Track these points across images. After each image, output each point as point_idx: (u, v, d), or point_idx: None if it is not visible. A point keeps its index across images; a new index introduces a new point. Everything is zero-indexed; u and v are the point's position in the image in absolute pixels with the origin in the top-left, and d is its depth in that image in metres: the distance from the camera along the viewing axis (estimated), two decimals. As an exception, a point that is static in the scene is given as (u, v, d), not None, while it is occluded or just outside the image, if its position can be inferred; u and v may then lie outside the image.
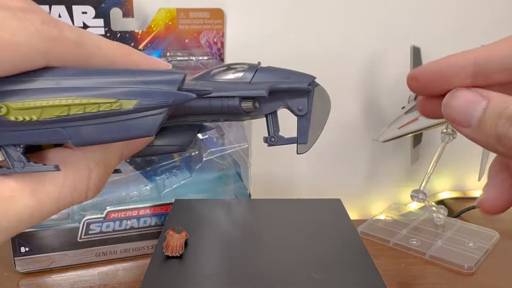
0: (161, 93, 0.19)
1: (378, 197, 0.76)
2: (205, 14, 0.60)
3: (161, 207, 0.53)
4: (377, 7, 0.67)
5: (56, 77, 0.18)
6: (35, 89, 0.18)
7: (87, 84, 0.18)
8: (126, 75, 0.19)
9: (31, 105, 0.18)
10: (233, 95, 0.21)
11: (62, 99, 0.18)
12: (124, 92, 0.18)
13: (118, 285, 0.49)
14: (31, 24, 0.17)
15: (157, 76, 0.19)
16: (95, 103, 0.18)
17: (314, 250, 0.42)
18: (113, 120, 0.19)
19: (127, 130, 0.19)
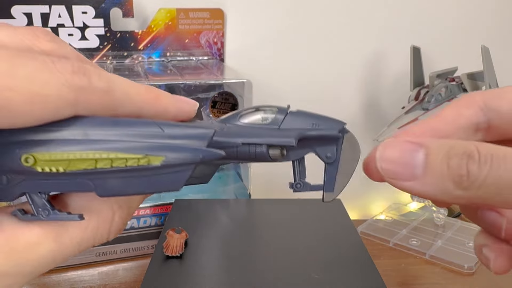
0: (189, 150, 0.19)
1: (378, 197, 0.76)
2: (205, 14, 0.60)
3: (161, 207, 0.53)
4: (377, 7, 0.67)
5: (83, 127, 0.18)
6: (62, 140, 0.18)
7: (115, 136, 0.18)
8: (154, 128, 0.19)
9: (58, 157, 0.18)
10: (261, 142, 0.21)
11: (90, 152, 0.18)
12: (152, 147, 0.18)
13: (118, 285, 0.49)
14: (61, 75, 0.17)
15: (186, 130, 0.19)
16: (123, 158, 0.18)
17: (314, 250, 0.42)
18: (140, 174, 0.19)
19: (153, 184, 0.19)
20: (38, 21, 0.54)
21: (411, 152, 0.19)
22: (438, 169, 0.18)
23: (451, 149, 0.18)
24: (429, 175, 0.18)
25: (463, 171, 0.17)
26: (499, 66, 0.59)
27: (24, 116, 0.17)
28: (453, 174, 0.18)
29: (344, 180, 0.24)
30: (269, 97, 0.67)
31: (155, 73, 0.55)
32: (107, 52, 0.57)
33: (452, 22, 0.70)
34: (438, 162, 0.18)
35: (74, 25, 0.55)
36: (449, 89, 0.58)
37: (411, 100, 0.62)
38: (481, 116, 0.22)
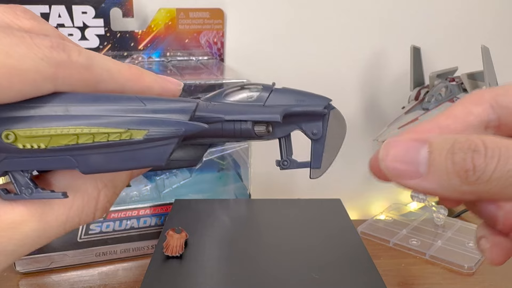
0: (172, 123, 0.18)
1: (378, 197, 0.76)
2: (205, 14, 0.60)
3: (161, 207, 0.53)
4: (377, 7, 0.67)
5: (64, 103, 0.18)
6: (43, 116, 0.18)
7: (96, 111, 0.18)
8: (136, 103, 0.19)
9: (39, 133, 0.17)
10: (246, 119, 0.21)
11: (71, 128, 0.18)
12: (134, 122, 0.18)
13: (118, 285, 0.49)
14: (39, 50, 0.17)
15: (168, 104, 0.19)
16: (104, 132, 0.18)
17: (314, 250, 0.42)
18: (122, 149, 0.18)
19: (136, 159, 0.19)
20: (38, 21, 0.54)
21: (414, 149, 0.18)
22: (442, 165, 0.18)
23: (455, 144, 0.18)
24: (434, 172, 0.18)
25: (468, 166, 0.17)
26: (499, 66, 0.58)
27: (3, 90, 0.16)
28: (459, 170, 0.17)
29: (331, 156, 0.24)
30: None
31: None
32: (107, 52, 0.57)
33: (452, 22, 0.70)
34: (442, 158, 0.18)
35: (74, 25, 0.55)
36: (449, 89, 0.58)
37: (411, 100, 0.62)
38: (491, 114, 0.21)
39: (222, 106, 0.21)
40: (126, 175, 0.22)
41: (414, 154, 0.18)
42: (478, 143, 0.17)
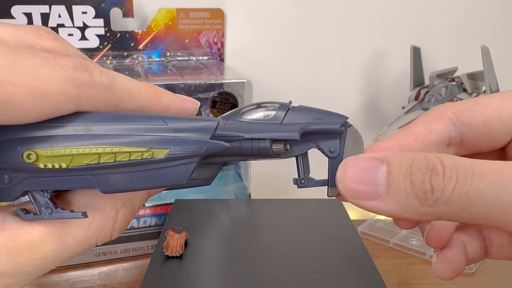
0: (193, 142, 0.18)
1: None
2: (205, 14, 0.60)
3: (161, 207, 0.53)
4: (377, 7, 0.67)
5: (86, 122, 0.18)
6: (65, 136, 0.18)
7: (118, 131, 0.18)
8: (157, 122, 0.19)
9: (61, 153, 0.17)
10: (264, 137, 0.20)
11: (93, 147, 0.18)
12: (155, 141, 0.18)
13: (118, 285, 0.49)
14: (62, 71, 0.17)
15: (189, 123, 0.19)
16: (126, 152, 0.18)
17: (314, 250, 0.42)
18: (144, 168, 0.18)
19: (158, 178, 0.19)
20: (38, 21, 0.54)
21: (372, 169, 0.18)
22: (401, 186, 0.17)
23: (414, 163, 0.17)
24: (393, 193, 0.17)
25: (427, 187, 0.16)
26: (499, 66, 0.58)
27: (26, 111, 0.17)
28: (417, 191, 0.17)
29: None
30: (269, 97, 0.67)
31: (155, 73, 0.55)
32: (107, 52, 0.57)
33: (452, 22, 0.70)
34: (401, 178, 0.17)
35: (74, 25, 0.55)
36: (449, 89, 0.58)
37: (411, 100, 0.62)
38: (452, 130, 0.21)
39: (240, 124, 0.21)
40: (144, 194, 0.22)
41: (372, 174, 0.18)
42: (436, 163, 0.17)
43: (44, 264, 0.19)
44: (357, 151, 0.22)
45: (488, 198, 0.16)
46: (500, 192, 0.16)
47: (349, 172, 0.19)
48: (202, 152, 0.19)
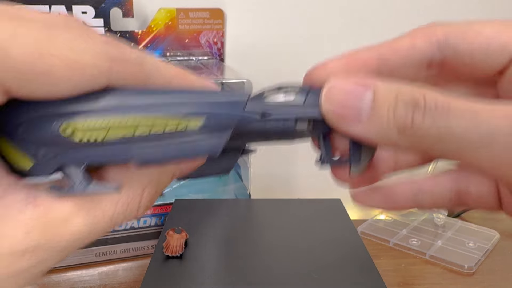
0: (226, 114, 0.19)
1: (378, 197, 0.76)
2: (205, 14, 0.60)
3: (161, 207, 0.53)
4: (377, 7, 0.67)
5: (120, 96, 0.18)
6: (100, 109, 0.18)
7: (152, 103, 0.18)
8: (191, 95, 0.19)
9: (96, 126, 0.17)
10: (289, 116, 0.20)
11: (129, 119, 0.18)
12: (189, 112, 0.18)
13: (118, 285, 0.49)
14: (95, 45, 0.17)
15: (222, 97, 0.19)
16: (161, 123, 0.18)
17: (314, 250, 0.42)
18: (178, 140, 0.18)
19: (191, 150, 0.19)
20: (38, 21, 0.54)
21: (358, 94, 0.18)
22: (384, 115, 0.18)
23: (399, 95, 0.18)
24: (374, 121, 0.18)
25: (407, 120, 0.17)
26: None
27: (63, 83, 0.17)
28: (398, 122, 0.18)
29: (369, 153, 0.23)
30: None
31: (155, 73, 0.55)
32: (107, 52, 0.57)
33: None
34: (385, 108, 0.18)
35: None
36: (449, 89, 0.58)
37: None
38: (436, 52, 0.20)
39: (264, 105, 0.21)
40: (169, 175, 0.22)
41: (357, 100, 0.18)
42: (420, 98, 0.17)
43: (76, 240, 0.19)
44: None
45: (459, 136, 0.17)
46: (470, 132, 0.17)
47: (335, 95, 0.19)
48: (235, 123, 0.19)
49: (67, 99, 0.17)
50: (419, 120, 0.17)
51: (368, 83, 0.18)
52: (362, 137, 0.19)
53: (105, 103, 0.18)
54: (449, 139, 0.17)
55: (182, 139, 0.18)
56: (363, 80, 0.19)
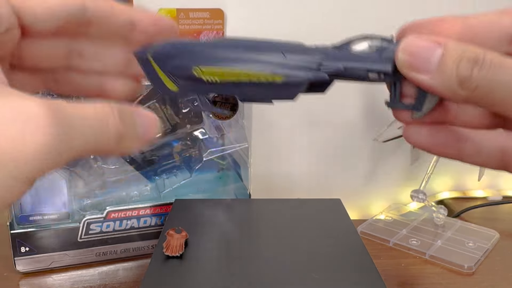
0: (303, 74, 0.25)
1: (378, 197, 0.77)
2: (205, 14, 0.60)
3: (161, 207, 0.53)
4: (377, 7, 0.67)
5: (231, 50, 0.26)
6: (218, 60, 0.25)
7: (253, 59, 0.25)
8: (279, 55, 0.26)
9: (216, 71, 0.25)
10: (360, 67, 0.26)
11: (235, 70, 0.25)
12: (277, 70, 0.25)
13: (118, 285, 0.49)
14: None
15: (301, 56, 0.25)
16: (256, 75, 0.25)
17: (314, 250, 0.42)
18: (268, 88, 0.25)
19: (276, 94, 0.26)
20: (38, 21, 0.54)
21: (431, 49, 0.21)
22: (449, 68, 0.21)
23: (464, 52, 0.21)
24: (440, 72, 0.21)
25: (467, 74, 0.20)
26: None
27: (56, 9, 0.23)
28: (460, 75, 0.20)
29: (432, 102, 0.26)
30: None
31: (155, 73, 0.55)
32: (107, 52, 0.57)
33: (452, 22, 0.70)
34: (450, 62, 0.21)
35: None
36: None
37: (411, 100, 0.62)
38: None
39: (345, 53, 0.26)
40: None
41: (429, 53, 0.21)
42: (479, 56, 0.20)
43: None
44: None
45: (504, 87, 0.20)
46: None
47: (410, 47, 0.22)
48: (308, 81, 0.25)
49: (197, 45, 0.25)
50: (475, 74, 0.20)
51: (440, 41, 0.21)
52: (428, 86, 0.22)
53: (222, 56, 0.25)
54: (497, 89, 0.20)
55: (271, 87, 0.25)
56: (437, 38, 0.22)
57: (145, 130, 0.23)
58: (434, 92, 0.22)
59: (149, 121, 0.23)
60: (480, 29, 0.23)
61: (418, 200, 0.62)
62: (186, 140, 0.54)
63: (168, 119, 0.53)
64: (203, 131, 0.55)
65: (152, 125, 0.24)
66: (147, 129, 0.23)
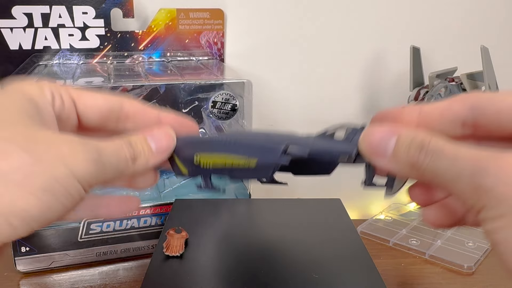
0: (272, 160, 0.29)
1: (378, 197, 0.76)
2: (205, 15, 0.60)
3: (161, 207, 0.54)
4: (377, 7, 0.67)
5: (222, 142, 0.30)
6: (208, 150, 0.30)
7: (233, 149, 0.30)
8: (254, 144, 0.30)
9: (208, 158, 0.30)
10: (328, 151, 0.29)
11: (221, 158, 0.30)
12: (249, 156, 0.29)
13: (118, 284, 0.49)
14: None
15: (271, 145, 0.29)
16: (236, 161, 0.30)
17: (314, 250, 0.42)
18: (246, 170, 0.30)
19: (254, 175, 0.30)
20: (38, 22, 0.54)
21: (387, 138, 0.25)
22: (401, 153, 0.24)
23: (413, 140, 0.24)
24: (394, 157, 0.24)
25: (415, 159, 0.23)
26: (498, 66, 0.59)
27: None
28: (410, 161, 0.23)
29: (400, 184, 0.30)
30: (269, 97, 0.67)
31: (155, 73, 0.55)
32: (108, 52, 0.58)
33: (452, 22, 0.70)
34: (402, 148, 0.24)
35: (75, 25, 0.55)
36: (449, 89, 0.58)
37: (410, 100, 0.62)
38: (469, 114, 0.25)
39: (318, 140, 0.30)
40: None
41: (385, 141, 0.25)
42: (425, 143, 0.23)
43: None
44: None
45: (443, 173, 0.22)
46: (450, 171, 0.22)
47: (371, 137, 0.26)
48: (277, 165, 0.29)
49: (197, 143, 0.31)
50: (422, 159, 0.23)
51: (395, 131, 0.25)
52: (387, 169, 0.26)
53: (213, 147, 0.30)
54: (439, 173, 0.22)
55: (245, 169, 0.30)
56: (393, 128, 0.25)
57: (157, 146, 0.30)
58: (393, 173, 0.26)
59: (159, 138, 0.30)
60: (435, 116, 0.26)
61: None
62: (186, 140, 0.54)
63: (168, 119, 0.53)
64: (203, 131, 0.55)
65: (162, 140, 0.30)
66: (159, 144, 0.30)
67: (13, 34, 0.53)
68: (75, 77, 0.50)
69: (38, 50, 0.55)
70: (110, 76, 0.51)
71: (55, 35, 0.55)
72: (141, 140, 0.30)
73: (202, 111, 0.53)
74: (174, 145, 0.31)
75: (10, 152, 0.23)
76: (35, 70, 0.54)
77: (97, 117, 0.30)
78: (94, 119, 0.30)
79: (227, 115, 0.53)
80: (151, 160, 0.30)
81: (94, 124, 0.30)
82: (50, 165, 0.23)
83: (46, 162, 0.23)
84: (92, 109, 0.30)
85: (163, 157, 0.31)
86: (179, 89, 0.53)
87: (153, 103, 0.52)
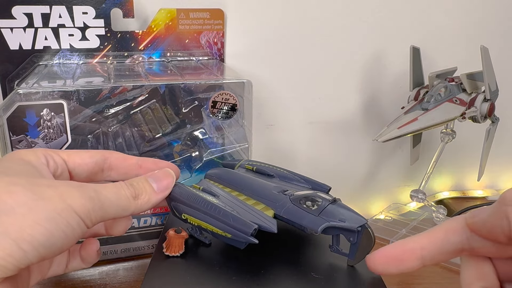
0: (242, 238, 0.36)
1: (378, 197, 0.77)
2: (205, 15, 0.60)
3: (161, 207, 0.54)
4: (377, 7, 0.67)
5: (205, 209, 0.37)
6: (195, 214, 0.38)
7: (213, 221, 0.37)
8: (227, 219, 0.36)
9: (192, 220, 0.38)
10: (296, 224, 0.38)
11: (204, 224, 0.37)
12: (226, 231, 0.36)
13: (118, 284, 0.49)
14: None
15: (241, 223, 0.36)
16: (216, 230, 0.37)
17: (314, 250, 0.42)
18: (223, 237, 0.37)
19: (230, 242, 0.37)
20: (38, 22, 0.54)
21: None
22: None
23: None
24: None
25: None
26: (499, 66, 0.59)
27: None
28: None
29: (361, 255, 0.37)
30: (269, 97, 0.67)
31: (155, 73, 0.55)
32: (108, 52, 0.58)
33: (452, 22, 0.70)
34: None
35: (75, 26, 0.55)
36: (449, 89, 0.59)
37: (410, 100, 0.62)
38: (466, 244, 0.28)
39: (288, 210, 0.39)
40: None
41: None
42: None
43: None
44: (369, 244, 0.36)
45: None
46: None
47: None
48: (245, 242, 0.36)
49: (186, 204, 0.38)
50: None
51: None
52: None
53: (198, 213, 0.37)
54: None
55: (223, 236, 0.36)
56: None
57: (158, 185, 0.35)
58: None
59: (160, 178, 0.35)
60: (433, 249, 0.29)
61: (418, 200, 0.62)
62: (186, 140, 0.54)
63: (168, 119, 0.53)
64: (203, 131, 0.55)
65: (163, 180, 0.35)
66: (159, 183, 0.35)
67: (13, 34, 0.53)
68: (75, 77, 0.50)
69: (38, 50, 0.55)
70: (110, 76, 0.51)
71: (55, 35, 0.55)
72: (142, 181, 0.34)
73: (202, 111, 0.53)
74: (174, 183, 0.36)
75: (16, 191, 0.26)
76: (35, 70, 0.54)
77: (85, 171, 0.36)
78: (83, 173, 0.36)
79: (227, 115, 0.53)
80: (153, 198, 0.34)
81: (84, 177, 0.36)
82: (51, 201, 0.27)
83: (47, 199, 0.27)
84: (80, 166, 0.35)
85: (164, 195, 0.36)
86: (179, 89, 0.53)
87: (153, 103, 0.52)
